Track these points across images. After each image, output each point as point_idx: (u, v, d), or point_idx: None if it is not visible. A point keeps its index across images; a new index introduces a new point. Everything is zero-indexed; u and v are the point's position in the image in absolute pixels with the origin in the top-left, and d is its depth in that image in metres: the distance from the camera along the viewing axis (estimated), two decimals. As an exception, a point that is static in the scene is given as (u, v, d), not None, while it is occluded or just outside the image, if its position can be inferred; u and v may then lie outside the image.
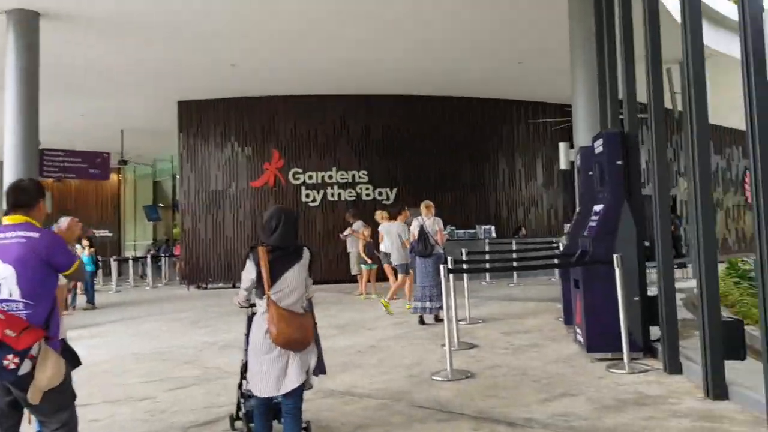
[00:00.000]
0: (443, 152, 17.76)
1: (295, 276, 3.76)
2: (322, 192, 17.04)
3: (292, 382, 3.69)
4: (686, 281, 12.01)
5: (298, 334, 3.67)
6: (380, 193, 17.25)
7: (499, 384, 5.61)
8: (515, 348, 7.09)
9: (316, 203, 17.02)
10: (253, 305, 4.02)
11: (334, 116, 17.24)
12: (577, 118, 8.67)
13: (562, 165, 8.79)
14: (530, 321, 8.83)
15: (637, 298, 6.10)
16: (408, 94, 17.29)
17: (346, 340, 8.04)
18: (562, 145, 8.79)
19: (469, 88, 17.19)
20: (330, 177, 17.11)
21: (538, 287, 13.12)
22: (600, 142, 6.83)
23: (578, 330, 6.73)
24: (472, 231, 16.49)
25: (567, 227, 17.26)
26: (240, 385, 4.50)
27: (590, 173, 7.21)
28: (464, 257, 8.92)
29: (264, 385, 3.72)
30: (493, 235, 16.31)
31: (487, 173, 18.42)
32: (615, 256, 5.95)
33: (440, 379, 5.85)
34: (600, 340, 6.19)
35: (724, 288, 8.91)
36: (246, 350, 4.06)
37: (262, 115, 17.17)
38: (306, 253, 3.86)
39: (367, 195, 17.19)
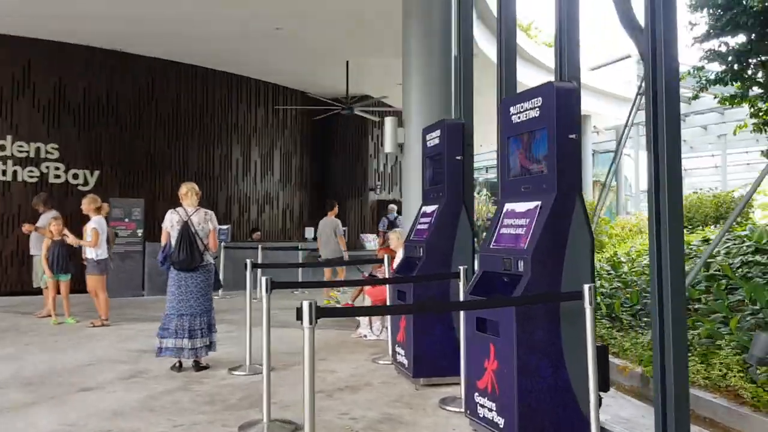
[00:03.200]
0: (167, 130, 14.15)
1: None
2: (-13, 167, 12.08)
3: None
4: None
5: None
6: (75, 176, 12.89)
7: None
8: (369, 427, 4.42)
9: (-22, 183, 12.00)
10: None
11: (13, 65, 12.41)
12: (410, 102, 6.38)
13: (388, 147, 6.36)
14: (337, 362, 6.21)
15: None
16: (126, 51, 13.30)
17: (48, 415, 4.48)
18: (389, 121, 6.37)
19: (210, 57, 13.94)
20: (2, 148, 12.22)
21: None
22: (436, 133, 5.56)
23: (400, 350, 5.47)
24: (200, 231, 13.18)
25: (311, 232, 15.13)
26: None
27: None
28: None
29: None
30: (229, 238, 13.26)
31: (219, 162, 15.25)
32: (462, 268, 4.72)
33: None
34: (428, 363, 5.10)
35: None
36: None
37: None
38: None
39: (57, 177, 12.68)
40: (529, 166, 4.11)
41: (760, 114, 11.37)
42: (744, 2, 9.71)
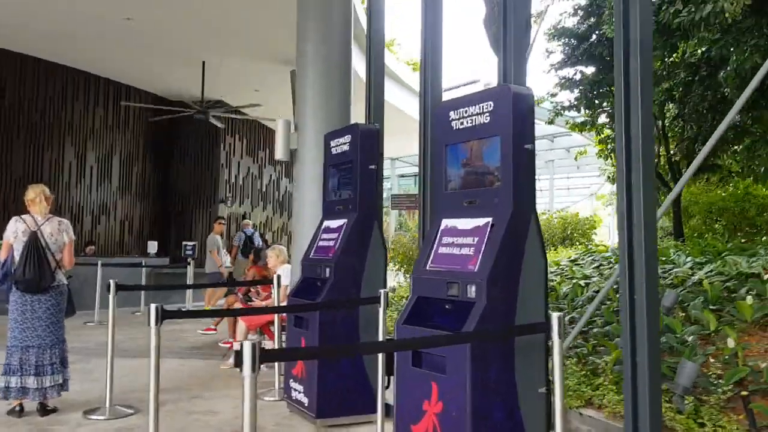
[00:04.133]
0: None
1: None
2: None
3: None
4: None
5: None
6: None
7: None
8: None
9: None
10: None
11: None
12: (305, 106, 5.68)
13: (280, 154, 5.65)
14: (215, 400, 5.36)
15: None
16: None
17: None
18: (281, 123, 5.66)
19: (44, 45, 12.23)
20: None
21: (136, 328, 9.28)
22: (345, 139, 4.88)
23: (297, 386, 4.68)
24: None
25: (154, 246, 13.74)
26: None
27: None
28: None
29: None
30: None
31: (49, 166, 13.39)
32: (382, 291, 4.09)
33: None
34: (335, 401, 4.42)
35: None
36: None
37: None
38: None
39: None
40: (475, 178, 3.61)
41: (608, 141, 12.15)
42: (597, 34, 10.32)
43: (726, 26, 7.11)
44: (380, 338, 4.10)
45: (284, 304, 5.91)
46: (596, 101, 11.32)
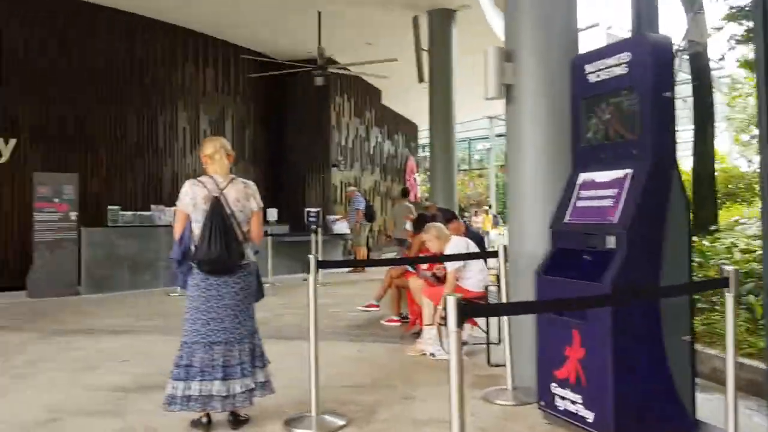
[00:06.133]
0: (100, 91, 11.56)
1: None
2: None
3: None
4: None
5: None
6: (-15, 146, 10.19)
7: None
8: None
9: None
10: None
11: None
12: (517, 30, 4.39)
13: (492, 91, 4.41)
14: (430, 400, 4.30)
15: (687, 338, 3.33)
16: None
17: None
18: (492, 52, 4.42)
19: (151, 3, 11.49)
20: None
21: (291, 307, 8.39)
22: (620, 58, 3.43)
23: (567, 393, 3.40)
24: (146, 214, 10.83)
25: (274, 213, 12.91)
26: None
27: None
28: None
29: None
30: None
31: (163, 131, 12.74)
32: (729, 269, 2.98)
33: None
34: (634, 413, 3.16)
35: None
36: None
37: None
38: None
39: (-40, 146, 9.95)
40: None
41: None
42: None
43: None
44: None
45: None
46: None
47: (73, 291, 9.43)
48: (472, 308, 2.22)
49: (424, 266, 6.01)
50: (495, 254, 4.53)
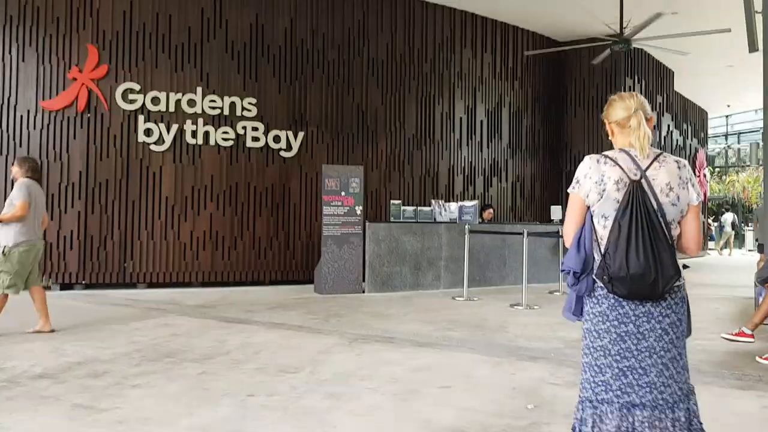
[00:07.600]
0: (381, 82, 11.17)
1: None
2: (175, 127, 9.67)
3: None
4: None
5: None
6: (277, 139, 10.24)
7: None
8: None
9: (164, 146, 9.63)
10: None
11: (202, 1, 9.94)
12: None
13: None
14: None
15: None
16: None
17: None
18: None
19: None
20: (191, 103, 9.78)
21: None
22: None
23: None
24: (426, 209, 10.10)
25: (558, 212, 11.53)
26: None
27: None
28: None
29: None
30: (471, 217, 9.98)
31: (440, 121, 12.05)
32: None
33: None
34: None
35: None
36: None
37: (68, -19, 9.42)
38: None
39: (255, 140, 10.10)
40: None
41: None
42: None
43: None
44: None
45: None
46: None
47: (359, 288, 9.02)
48: None
49: None
50: None
